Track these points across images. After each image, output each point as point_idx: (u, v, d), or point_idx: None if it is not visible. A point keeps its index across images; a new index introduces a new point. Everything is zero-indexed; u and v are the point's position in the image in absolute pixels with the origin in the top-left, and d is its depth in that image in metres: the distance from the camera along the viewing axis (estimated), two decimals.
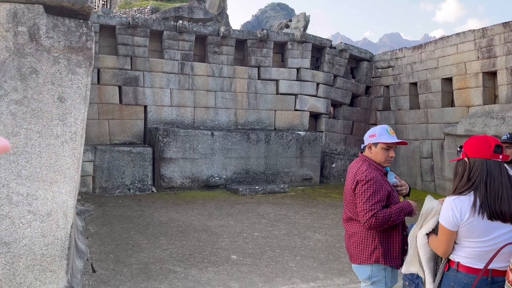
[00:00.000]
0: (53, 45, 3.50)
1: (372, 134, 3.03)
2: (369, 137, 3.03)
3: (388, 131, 2.99)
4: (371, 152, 3.02)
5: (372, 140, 3.01)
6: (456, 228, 2.29)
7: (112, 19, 11.06)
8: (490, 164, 2.27)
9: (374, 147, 3.01)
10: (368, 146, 3.04)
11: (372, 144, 3.01)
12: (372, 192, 2.84)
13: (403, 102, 12.38)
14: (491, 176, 2.24)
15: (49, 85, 3.50)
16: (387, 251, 2.92)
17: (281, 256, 5.81)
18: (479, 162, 2.28)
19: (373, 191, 2.84)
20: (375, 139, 2.99)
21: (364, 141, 3.11)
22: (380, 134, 2.98)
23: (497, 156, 2.27)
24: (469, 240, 2.30)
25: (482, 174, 2.26)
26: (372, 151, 3.02)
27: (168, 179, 10.37)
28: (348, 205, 3.06)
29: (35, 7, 3.47)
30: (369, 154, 3.03)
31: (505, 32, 9.44)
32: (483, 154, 2.28)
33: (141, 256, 5.59)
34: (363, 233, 2.96)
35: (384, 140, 2.96)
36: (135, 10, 18.89)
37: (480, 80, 10.04)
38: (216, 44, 11.86)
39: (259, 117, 12.36)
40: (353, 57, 13.56)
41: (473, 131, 9.54)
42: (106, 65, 10.85)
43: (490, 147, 2.27)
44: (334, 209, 8.87)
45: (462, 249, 2.34)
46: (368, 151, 3.04)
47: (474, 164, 2.30)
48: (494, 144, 2.28)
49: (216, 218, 7.81)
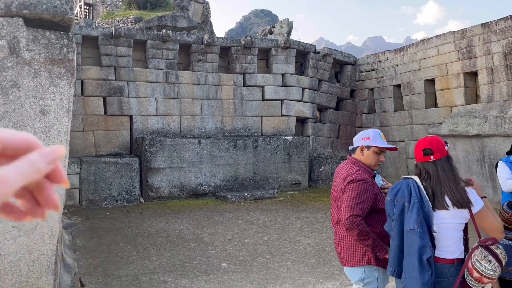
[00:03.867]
0: (34, 58, 3.46)
1: (366, 137, 3.05)
2: (362, 140, 3.05)
3: (380, 135, 3.04)
4: (363, 154, 3.04)
5: (365, 143, 3.03)
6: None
7: (94, 29, 10.99)
8: (425, 165, 2.60)
9: (366, 149, 3.03)
10: (360, 148, 3.05)
11: (365, 146, 3.03)
12: (359, 192, 2.87)
13: (388, 104, 12.52)
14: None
15: (31, 98, 3.46)
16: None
17: (272, 262, 5.80)
18: (419, 165, 2.62)
19: (360, 190, 2.87)
20: (369, 142, 3.01)
21: (354, 142, 3.12)
22: (374, 138, 3.01)
23: (428, 158, 2.57)
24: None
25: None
26: (364, 154, 3.03)
27: (156, 189, 10.29)
28: (337, 208, 3.07)
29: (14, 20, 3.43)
30: (360, 157, 3.05)
31: (484, 32, 9.64)
32: (418, 158, 2.61)
33: (130, 268, 5.52)
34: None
35: (377, 144, 2.99)
36: (118, 20, 18.82)
37: (461, 80, 10.21)
38: (200, 52, 11.87)
39: (246, 123, 12.37)
40: (337, 61, 13.68)
41: (457, 131, 9.69)
42: (90, 76, 10.77)
43: (420, 151, 2.60)
44: (323, 213, 8.89)
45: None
46: (359, 153, 3.05)
47: (417, 165, 2.64)
48: (422, 149, 2.59)
49: (206, 227, 7.76)
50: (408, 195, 2.49)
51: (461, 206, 2.43)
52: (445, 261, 2.48)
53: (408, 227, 2.44)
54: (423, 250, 2.36)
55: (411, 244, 2.41)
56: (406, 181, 2.59)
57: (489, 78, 9.60)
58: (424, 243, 2.37)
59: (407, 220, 2.45)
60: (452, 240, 2.50)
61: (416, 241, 2.38)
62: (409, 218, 2.44)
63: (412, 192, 2.48)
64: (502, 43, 9.29)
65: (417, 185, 2.53)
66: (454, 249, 2.50)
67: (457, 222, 2.49)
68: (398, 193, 2.56)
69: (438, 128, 10.35)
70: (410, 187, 2.52)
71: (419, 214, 2.42)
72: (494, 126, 8.88)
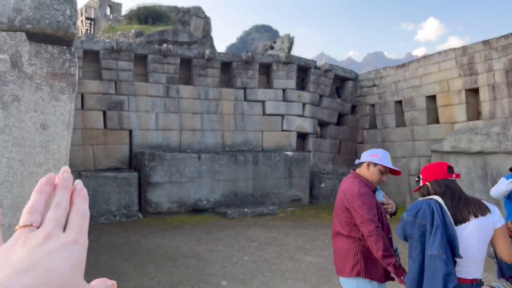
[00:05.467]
0: (36, 72, 3.42)
1: (375, 154, 3.18)
2: (371, 156, 3.17)
3: (389, 158, 3.20)
4: (368, 169, 3.14)
5: (373, 160, 3.14)
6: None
7: (96, 44, 11.02)
8: (448, 181, 2.60)
9: (373, 166, 3.14)
10: (367, 163, 3.16)
11: (372, 163, 3.14)
12: (369, 206, 2.95)
13: (389, 120, 12.49)
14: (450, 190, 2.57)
15: (32, 112, 3.41)
16: (370, 266, 2.97)
17: (272, 280, 5.68)
18: (441, 182, 2.60)
19: (369, 204, 2.96)
20: (377, 160, 3.13)
21: (362, 157, 3.23)
22: (383, 157, 3.16)
23: (451, 176, 2.62)
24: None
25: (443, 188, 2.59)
26: (370, 170, 3.14)
27: (155, 204, 10.18)
28: (338, 220, 3.15)
29: (17, 34, 3.40)
30: (365, 172, 3.15)
31: (485, 49, 9.66)
32: (440, 176, 2.61)
33: (128, 285, 5.40)
34: (347, 247, 3.05)
35: (385, 163, 3.13)
36: (119, 34, 18.92)
37: (463, 97, 10.20)
38: (201, 66, 11.88)
39: (246, 138, 12.32)
40: (338, 77, 13.71)
41: (459, 148, 9.64)
42: (90, 90, 10.76)
43: (444, 169, 2.62)
44: (324, 230, 8.78)
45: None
46: (365, 168, 3.16)
47: (438, 184, 2.60)
48: (447, 166, 2.64)
49: (205, 243, 7.65)
50: (430, 216, 2.42)
51: (485, 212, 2.45)
52: (464, 281, 2.41)
53: (432, 252, 2.35)
54: (448, 277, 2.28)
55: (435, 271, 2.33)
56: (427, 202, 2.52)
57: (491, 95, 9.59)
58: (450, 270, 2.30)
59: (431, 244, 2.37)
60: (475, 261, 2.42)
61: (441, 268, 2.30)
62: (433, 242, 2.36)
63: (435, 214, 2.41)
64: (503, 60, 9.31)
65: (439, 206, 2.45)
66: (474, 270, 2.43)
67: (481, 240, 2.42)
68: (418, 214, 2.49)
69: (440, 144, 10.30)
70: (432, 208, 2.44)
71: (443, 238, 2.34)
72: (496, 143, 8.84)
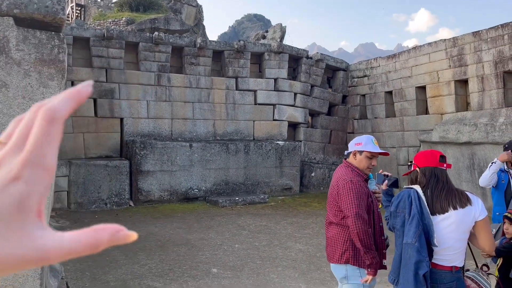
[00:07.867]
0: (24, 58, 3.40)
1: (358, 142, 3.22)
2: (355, 145, 3.22)
3: (373, 141, 3.22)
4: (355, 159, 3.20)
5: (357, 148, 3.19)
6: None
7: (86, 31, 10.90)
8: (437, 170, 2.65)
9: (359, 154, 3.19)
10: (353, 153, 3.22)
11: (358, 151, 3.19)
12: (356, 192, 3.01)
13: (379, 111, 12.57)
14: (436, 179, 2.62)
15: (20, 99, 3.39)
16: (359, 254, 3.02)
17: (263, 267, 5.75)
18: (428, 170, 2.63)
19: (356, 191, 3.01)
20: (361, 147, 3.17)
21: (349, 148, 3.30)
22: (366, 143, 3.18)
23: (442, 165, 2.66)
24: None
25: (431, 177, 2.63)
26: (357, 158, 3.19)
27: (146, 193, 10.19)
28: (330, 209, 3.20)
29: (4, 19, 3.37)
30: (353, 161, 3.21)
31: (475, 41, 9.73)
32: (431, 163, 2.65)
33: (118, 272, 5.44)
34: (337, 235, 3.11)
35: (369, 149, 3.15)
36: (110, 21, 18.70)
37: (452, 88, 10.29)
38: (193, 55, 11.82)
39: (237, 127, 12.33)
40: (330, 67, 13.72)
41: (447, 138, 9.75)
42: (81, 78, 10.65)
43: (436, 157, 2.66)
44: (314, 218, 8.87)
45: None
46: (353, 158, 3.22)
47: (425, 171, 2.64)
48: (439, 155, 2.69)
49: (196, 231, 7.70)
50: (408, 206, 2.49)
51: (465, 204, 2.49)
52: (442, 268, 2.48)
53: (406, 241, 2.43)
54: (419, 265, 2.36)
55: (408, 258, 2.41)
56: (407, 191, 2.59)
57: (480, 86, 9.68)
58: (421, 258, 2.37)
59: (406, 233, 2.45)
60: (454, 250, 2.49)
61: (413, 256, 2.37)
62: (408, 231, 2.44)
63: (413, 204, 2.48)
64: (492, 52, 9.39)
65: (418, 196, 2.52)
66: (453, 259, 2.50)
67: (461, 231, 2.48)
68: (399, 204, 2.57)
69: (428, 135, 10.40)
70: (411, 198, 2.51)
71: (418, 227, 2.41)
72: (484, 134, 8.95)
